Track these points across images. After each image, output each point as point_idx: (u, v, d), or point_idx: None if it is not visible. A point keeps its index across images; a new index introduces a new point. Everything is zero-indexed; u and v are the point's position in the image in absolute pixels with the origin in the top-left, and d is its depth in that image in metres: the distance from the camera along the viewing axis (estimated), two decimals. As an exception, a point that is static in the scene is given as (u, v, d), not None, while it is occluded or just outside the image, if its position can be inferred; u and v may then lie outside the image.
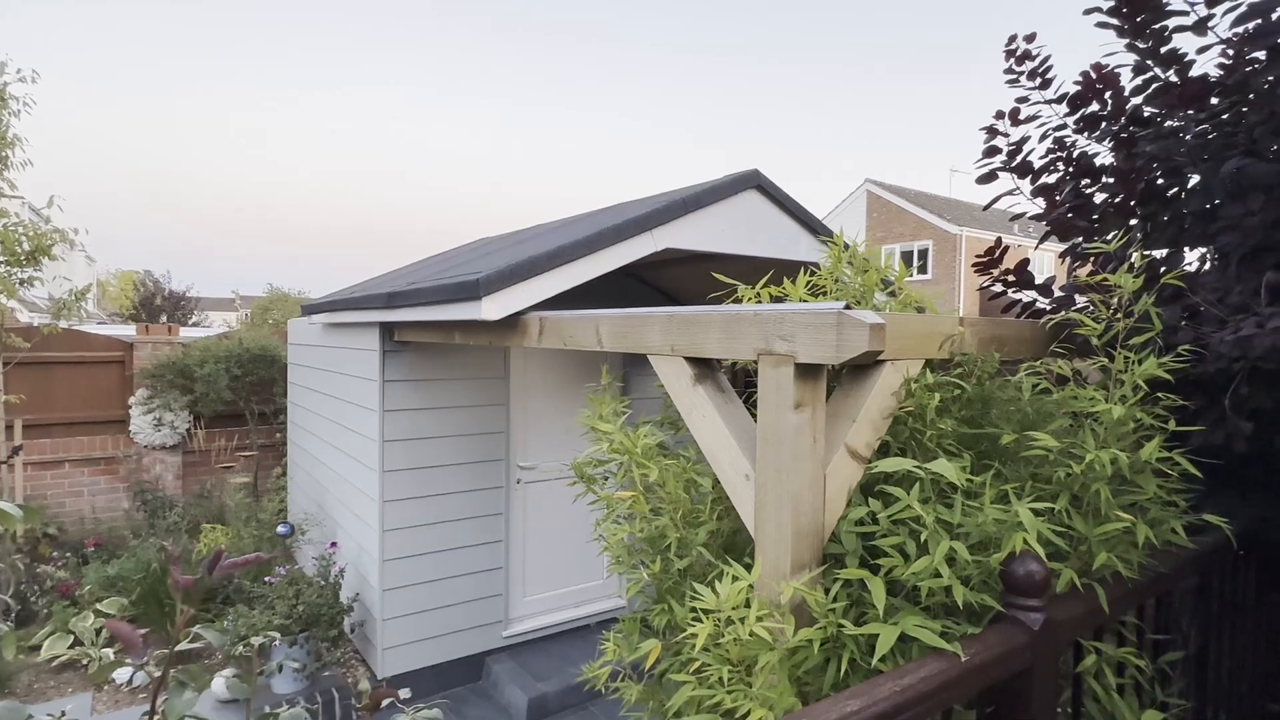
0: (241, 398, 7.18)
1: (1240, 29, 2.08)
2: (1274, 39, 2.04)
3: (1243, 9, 2.10)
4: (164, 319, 25.49)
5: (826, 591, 1.68)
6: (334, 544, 4.75)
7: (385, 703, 1.12)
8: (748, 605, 1.56)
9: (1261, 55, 2.23)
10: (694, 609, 1.64)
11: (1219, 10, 2.34)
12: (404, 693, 4.18)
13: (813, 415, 1.74)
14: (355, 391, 4.65)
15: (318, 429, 5.67)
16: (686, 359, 2.03)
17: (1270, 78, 2.23)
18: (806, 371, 1.72)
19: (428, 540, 4.40)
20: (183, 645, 0.95)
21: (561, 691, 4.30)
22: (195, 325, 25.95)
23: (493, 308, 2.95)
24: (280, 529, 5.03)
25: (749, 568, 1.80)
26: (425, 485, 4.38)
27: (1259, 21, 2.13)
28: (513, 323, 3.04)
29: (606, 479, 2.36)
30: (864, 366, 1.84)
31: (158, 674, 0.84)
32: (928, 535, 1.54)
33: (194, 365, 6.83)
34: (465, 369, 4.51)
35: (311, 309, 5.27)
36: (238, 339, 7.21)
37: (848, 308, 1.63)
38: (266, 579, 4.50)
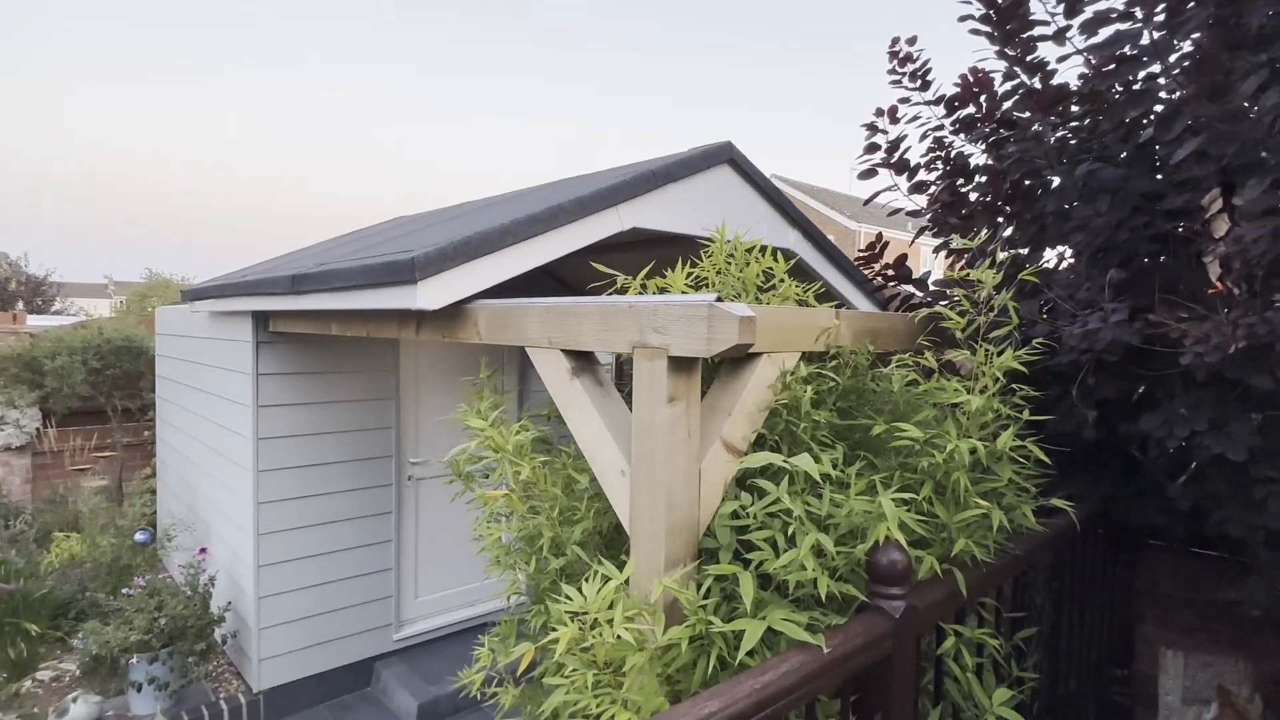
0: (102, 393, 6.55)
1: (1089, 39, 2.20)
2: (1120, 48, 2.16)
3: (1088, 16, 2.22)
4: (20, 306, 23.03)
5: (699, 587, 1.66)
6: (203, 550, 4.40)
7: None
8: (612, 607, 1.51)
9: (1112, 66, 2.37)
10: (564, 611, 1.58)
11: (1076, 22, 2.48)
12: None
13: (687, 409, 1.71)
14: (227, 386, 4.31)
15: (189, 426, 5.24)
16: (564, 351, 1.96)
17: (1119, 87, 2.38)
18: (680, 365, 1.68)
19: (309, 543, 4.15)
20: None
21: (455, 694, 4.16)
22: (59, 313, 23.58)
23: (431, 294, 2.36)
24: (139, 536, 4.61)
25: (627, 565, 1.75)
26: (305, 485, 4.11)
27: (1111, 33, 2.25)
28: (394, 313, 2.86)
29: (486, 476, 2.26)
30: (740, 359, 1.83)
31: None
32: (795, 528, 1.54)
33: (43, 357, 6.16)
34: (350, 361, 4.26)
35: (195, 295, 4.64)
36: (97, 328, 6.56)
37: (719, 300, 1.61)
38: (125, 590, 4.11)
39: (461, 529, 4.89)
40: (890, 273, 2.95)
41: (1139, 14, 2.20)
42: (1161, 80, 2.23)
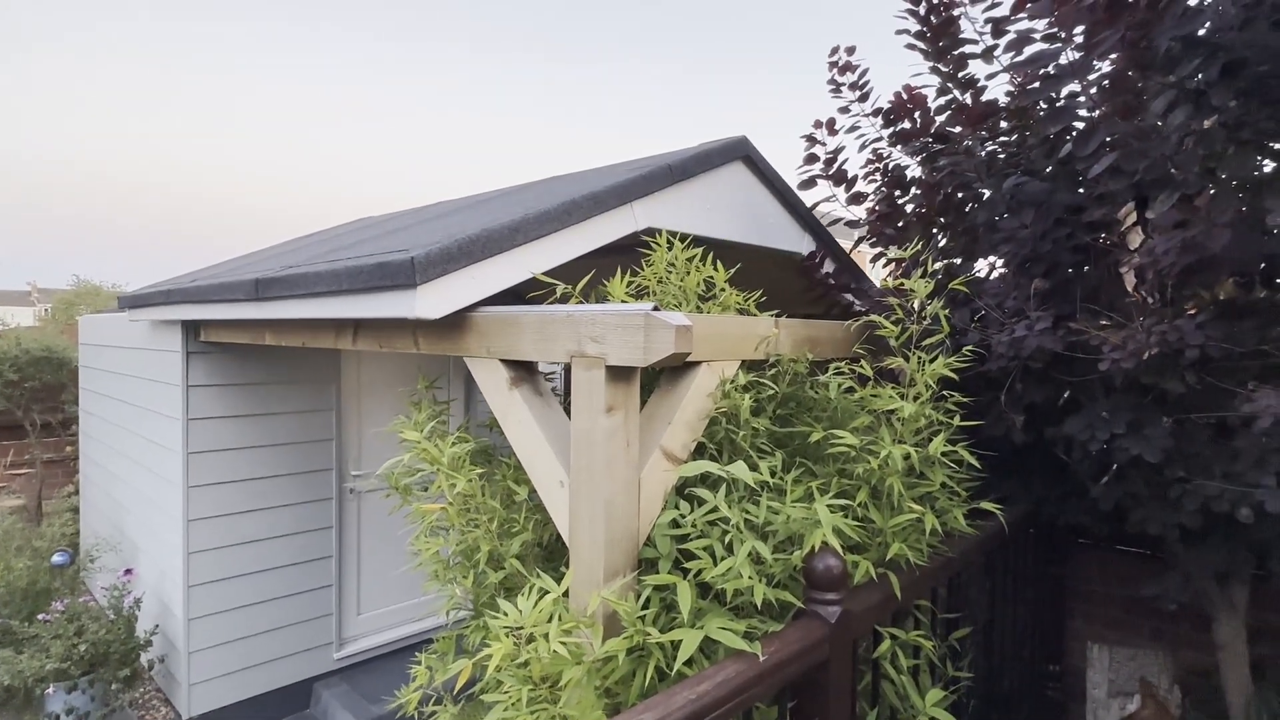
0: (20, 406, 6.18)
1: (1014, 58, 2.28)
2: (1043, 67, 2.25)
3: (1013, 36, 2.30)
4: (-67, 314, 21.58)
5: (639, 597, 1.65)
6: (128, 571, 4.18)
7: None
8: (551, 620, 1.49)
9: (1036, 84, 2.46)
10: (500, 626, 1.54)
11: (1002, 41, 2.57)
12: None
13: (626, 418, 1.70)
14: (155, 398, 4.11)
15: (114, 441, 4.98)
16: (503, 361, 1.93)
17: (1042, 104, 2.48)
18: (618, 374, 1.67)
19: (244, 561, 3.98)
20: None
21: (396, 712, 4.05)
22: (-24, 321, 22.16)
23: (432, 301, 1.99)
24: (56, 558, 4.35)
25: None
26: (240, 500, 3.95)
27: (1034, 50, 2.35)
28: (332, 322, 2.76)
29: (425, 489, 2.21)
30: (680, 368, 1.83)
31: None
32: (732, 536, 1.54)
33: (-45, 369, 5.80)
34: (288, 371, 4.12)
35: (134, 302, 4.25)
36: (14, 338, 6.20)
37: (656, 309, 1.60)
38: (42, 616, 3.87)
39: (407, 543, 4.77)
40: (830, 281, 3.01)
41: (1061, 35, 2.30)
42: (1081, 98, 2.34)
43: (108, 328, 5.12)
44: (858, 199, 2.95)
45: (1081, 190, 2.41)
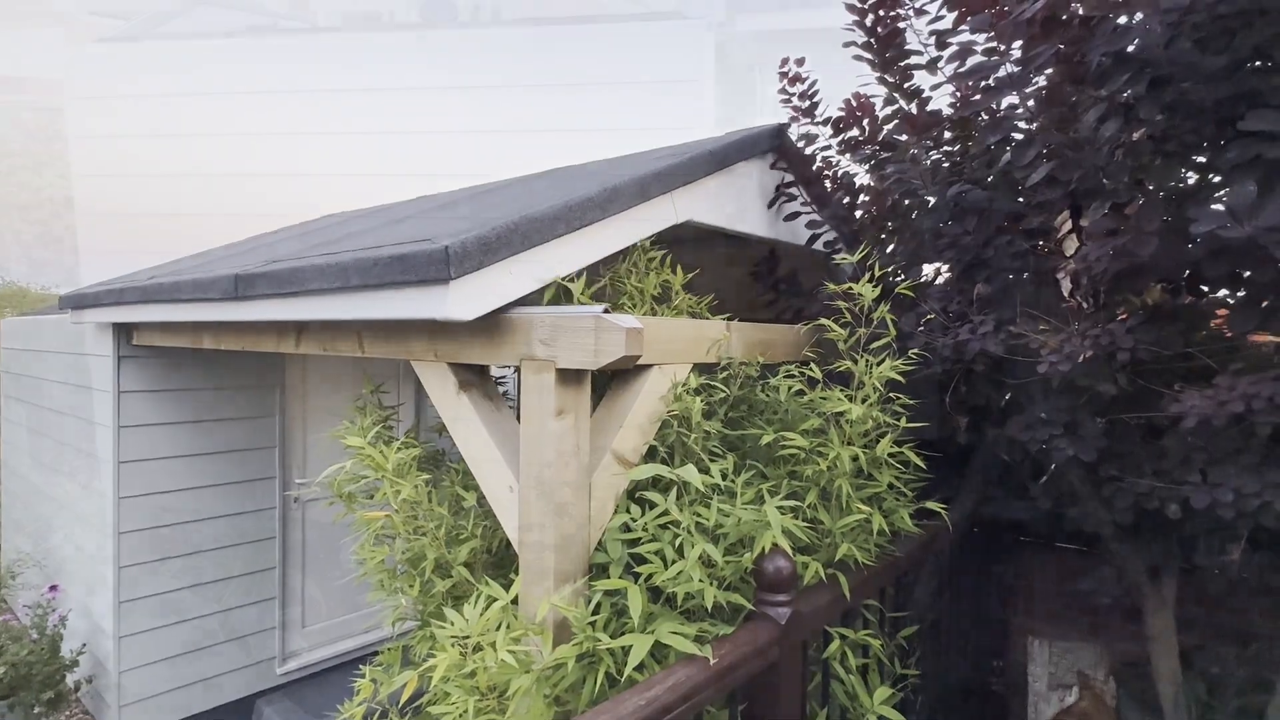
0: (-65, 414, 5.81)
1: (956, 67, 2.34)
2: (984, 78, 2.32)
3: (954, 48, 2.37)
4: None
5: (589, 603, 1.63)
6: (53, 588, 3.97)
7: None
8: (500, 628, 1.46)
9: (978, 96, 2.54)
10: (447, 636, 1.51)
11: (946, 53, 2.64)
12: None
13: (576, 422, 1.68)
14: (84, 405, 3.92)
15: (40, 451, 4.73)
16: (451, 365, 1.89)
17: (984, 115, 2.56)
18: (568, 377, 1.65)
19: (179, 575, 3.81)
20: None
21: (345, 728, 3.92)
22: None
23: (466, 299, 1.69)
24: (-27, 575, 4.11)
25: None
26: (173, 512, 3.78)
27: (975, 62, 2.41)
28: (273, 325, 2.65)
29: (371, 496, 2.15)
30: (631, 371, 1.82)
31: None
32: (683, 539, 1.54)
33: None
34: (228, 376, 3.97)
35: (79, 301, 3.86)
36: (-71, 342, 5.83)
37: (607, 311, 1.59)
38: (-43, 638, 3.64)
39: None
40: (783, 285, 3.05)
41: (1000, 48, 2.38)
42: (1020, 110, 2.41)
43: (33, 331, 4.86)
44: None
45: (1021, 199, 2.49)
